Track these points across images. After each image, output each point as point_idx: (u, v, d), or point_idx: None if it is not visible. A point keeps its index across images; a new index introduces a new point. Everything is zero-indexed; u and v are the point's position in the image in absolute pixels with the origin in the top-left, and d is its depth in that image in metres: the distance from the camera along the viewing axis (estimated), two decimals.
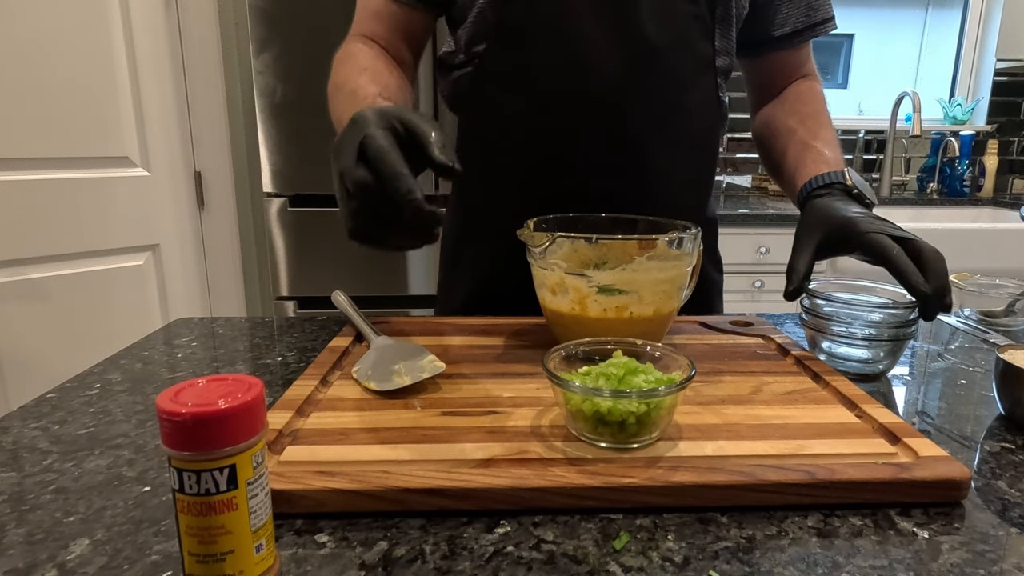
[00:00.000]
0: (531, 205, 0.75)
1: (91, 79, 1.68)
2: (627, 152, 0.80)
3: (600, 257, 0.66)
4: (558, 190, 0.81)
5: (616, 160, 0.80)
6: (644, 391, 0.46)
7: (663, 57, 0.78)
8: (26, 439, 0.53)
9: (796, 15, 0.86)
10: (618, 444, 0.47)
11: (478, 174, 0.88)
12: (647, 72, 0.78)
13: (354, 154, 0.52)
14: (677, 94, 0.80)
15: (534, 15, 0.77)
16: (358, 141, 0.52)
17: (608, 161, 0.80)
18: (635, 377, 0.49)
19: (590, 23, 0.76)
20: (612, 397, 0.46)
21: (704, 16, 0.79)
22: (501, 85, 0.81)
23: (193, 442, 0.32)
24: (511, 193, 0.84)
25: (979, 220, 2.50)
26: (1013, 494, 0.46)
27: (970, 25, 2.67)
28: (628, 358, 0.51)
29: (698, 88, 0.82)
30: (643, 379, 0.49)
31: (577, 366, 0.53)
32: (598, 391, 0.46)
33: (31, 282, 1.66)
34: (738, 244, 1.99)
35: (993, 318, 0.86)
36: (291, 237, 1.89)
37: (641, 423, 0.46)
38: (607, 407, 0.45)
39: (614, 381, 0.48)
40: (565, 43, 0.77)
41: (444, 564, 0.38)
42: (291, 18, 1.76)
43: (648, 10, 0.76)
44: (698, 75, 0.81)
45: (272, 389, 0.62)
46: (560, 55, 0.77)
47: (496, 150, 0.84)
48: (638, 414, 0.45)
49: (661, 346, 0.55)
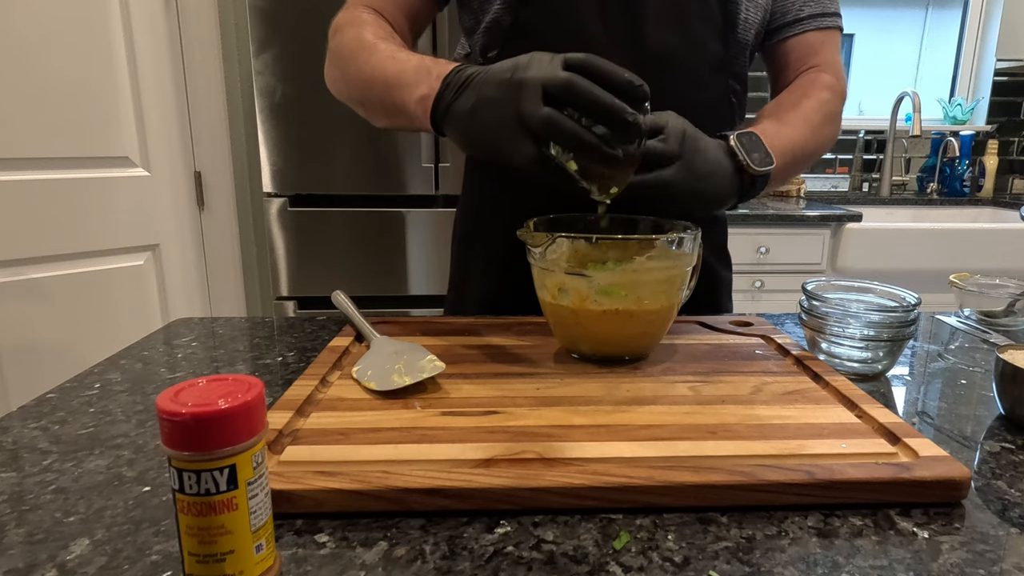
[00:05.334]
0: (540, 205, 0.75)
1: (91, 79, 1.68)
2: None
3: (600, 257, 0.66)
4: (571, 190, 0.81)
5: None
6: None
7: (673, 58, 0.78)
8: (26, 439, 0.53)
9: (800, 2, 0.86)
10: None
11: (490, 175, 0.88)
12: (658, 72, 0.78)
13: (539, 94, 0.53)
14: (688, 94, 0.81)
15: (546, 18, 0.77)
16: (540, 83, 0.53)
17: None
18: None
19: (601, 25, 0.77)
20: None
21: (714, 16, 0.79)
22: None
23: (193, 442, 0.32)
24: (521, 194, 0.84)
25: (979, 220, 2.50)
26: (1013, 494, 0.46)
27: (970, 25, 2.67)
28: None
29: (710, 88, 0.82)
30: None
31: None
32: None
33: (31, 282, 1.66)
34: (738, 244, 1.98)
35: (993, 318, 0.86)
36: (291, 237, 1.89)
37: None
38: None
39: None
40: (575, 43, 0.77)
41: (444, 564, 0.38)
42: (291, 18, 1.76)
43: (658, 11, 0.77)
44: (709, 75, 0.82)
45: (272, 389, 0.62)
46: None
47: None
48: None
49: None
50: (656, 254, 0.64)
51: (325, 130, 1.81)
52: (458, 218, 0.96)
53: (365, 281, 1.94)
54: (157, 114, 1.85)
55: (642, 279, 0.62)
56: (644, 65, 0.78)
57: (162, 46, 1.86)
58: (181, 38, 1.91)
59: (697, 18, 0.79)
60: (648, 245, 0.65)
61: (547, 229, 0.67)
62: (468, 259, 0.94)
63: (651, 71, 0.78)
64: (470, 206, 0.93)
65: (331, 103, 0.94)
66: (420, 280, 1.96)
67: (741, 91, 0.87)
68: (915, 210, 2.49)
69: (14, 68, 1.56)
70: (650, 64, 0.78)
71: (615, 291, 0.62)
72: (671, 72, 0.79)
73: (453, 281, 0.97)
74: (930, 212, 2.50)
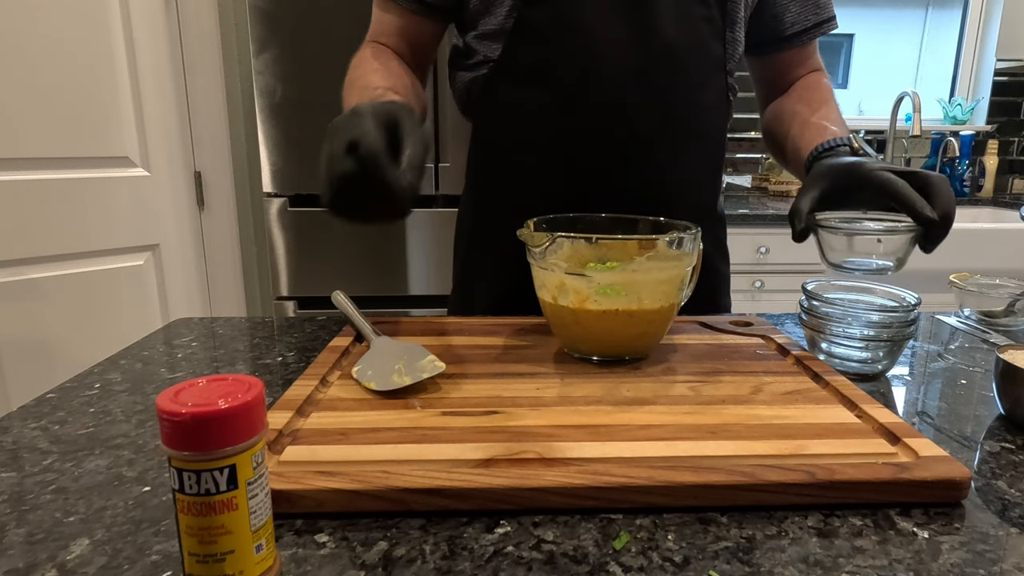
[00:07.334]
0: (546, 203, 0.76)
1: (91, 79, 1.68)
2: (642, 150, 0.82)
3: (600, 257, 0.66)
4: (572, 188, 0.82)
5: (632, 158, 0.82)
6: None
7: (679, 58, 0.79)
8: (26, 439, 0.53)
9: (805, 13, 0.88)
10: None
11: (494, 174, 0.88)
12: (663, 72, 0.79)
13: (344, 145, 0.57)
14: (692, 93, 0.82)
15: (552, 16, 0.78)
16: (351, 135, 0.57)
17: (623, 159, 0.81)
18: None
19: (608, 24, 0.77)
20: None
21: (715, 18, 0.81)
22: (517, 85, 0.81)
23: (193, 442, 0.32)
24: (526, 192, 0.85)
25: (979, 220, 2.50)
26: (1013, 494, 0.46)
27: (970, 25, 2.67)
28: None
29: (711, 88, 0.84)
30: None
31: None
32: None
33: (31, 282, 1.66)
34: (738, 244, 1.97)
35: (993, 318, 0.86)
36: (291, 237, 1.89)
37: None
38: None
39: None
40: (582, 42, 0.78)
41: (444, 564, 0.38)
42: (291, 18, 1.76)
43: (664, 12, 0.77)
44: (711, 75, 0.83)
45: (272, 389, 0.62)
46: (577, 55, 0.78)
47: (511, 151, 0.85)
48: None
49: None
50: (656, 254, 0.64)
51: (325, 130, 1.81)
52: (460, 217, 0.96)
53: (365, 281, 1.94)
54: (157, 114, 1.85)
55: (642, 279, 0.62)
56: (651, 64, 0.78)
57: (162, 46, 1.86)
58: (181, 38, 1.91)
59: (700, 18, 0.79)
60: (648, 245, 0.65)
61: (547, 229, 0.67)
62: (471, 259, 0.94)
63: (658, 70, 0.79)
64: (472, 205, 0.93)
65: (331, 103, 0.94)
66: (420, 280, 1.96)
67: (736, 91, 0.88)
68: None
69: (14, 68, 1.56)
70: (657, 63, 0.79)
71: (615, 291, 0.62)
72: (677, 71, 0.80)
73: (456, 281, 0.97)
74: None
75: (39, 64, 1.59)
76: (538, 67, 0.80)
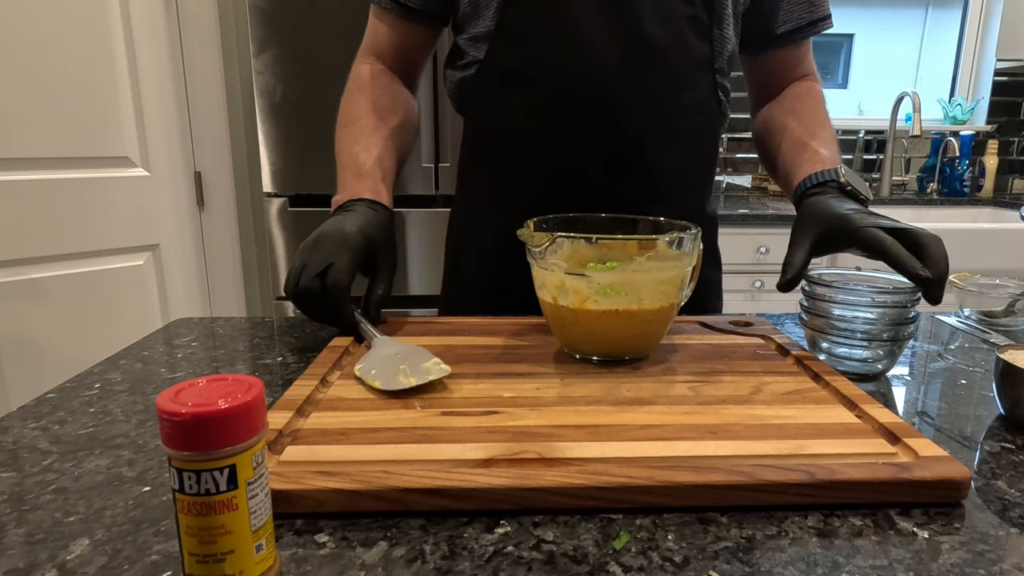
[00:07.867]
0: (532, 203, 0.76)
1: (91, 79, 1.68)
2: (627, 150, 0.81)
3: (600, 257, 0.66)
4: (558, 188, 0.82)
5: (616, 157, 0.81)
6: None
7: (661, 56, 0.79)
8: (26, 439, 0.53)
9: (798, 11, 0.88)
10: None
11: (483, 173, 0.88)
12: (645, 71, 0.79)
13: (317, 268, 0.69)
14: (675, 92, 0.81)
15: (534, 15, 0.78)
16: (328, 259, 0.69)
17: (608, 158, 0.81)
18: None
19: (589, 23, 0.77)
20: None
21: (701, 17, 0.80)
22: (503, 85, 0.82)
23: (193, 442, 0.32)
24: (514, 191, 0.85)
25: (979, 220, 2.50)
26: (1013, 494, 0.46)
27: (970, 25, 2.67)
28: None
29: (696, 87, 0.83)
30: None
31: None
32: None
33: (31, 282, 1.66)
34: (738, 244, 1.99)
35: (993, 318, 0.86)
36: (291, 237, 1.89)
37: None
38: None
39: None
40: (565, 42, 0.78)
41: (444, 564, 0.38)
42: (291, 18, 1.76)
43: (646, 11, 0.77)
44: (696, 74, 0.82)
45: (272, 389, 0.62)
46: (560, 54, 0.78)
47: (499, 149, 0.85)
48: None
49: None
50: (656, 254, 0.64)
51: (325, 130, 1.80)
52: (453, 216, 0.96)
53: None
54: (157, 114, 1.86)
55: (642, 279, 0.62)
56: (633, 63, 0.78)
57: (162, 46, 1.86)
58: (181, 38, 1.91)
59: (683, 17, 0.79)
60: (648, 245, 0.65)
61: (547, 229, 0.67)
62: (458, 256, 0.94)
63: (639, 69, 0.79)
64: (461, 203, 0.93)
65: (331, 103, 0.94)
66: (420, 280, 1.96)
67: (728, 90, 0.87)
68: (915, 210, 2.49)
69: (15, 68, 1.56)
70: (638, 62, 0.78)
71: (615, 291, 0.62)
72: (660, 70, 0.80)
73: (447, 280, 0.97)
74: (930, 212, 2.49)
75: (39, 64, 1.60)
76: (522, 67, 0.80)
